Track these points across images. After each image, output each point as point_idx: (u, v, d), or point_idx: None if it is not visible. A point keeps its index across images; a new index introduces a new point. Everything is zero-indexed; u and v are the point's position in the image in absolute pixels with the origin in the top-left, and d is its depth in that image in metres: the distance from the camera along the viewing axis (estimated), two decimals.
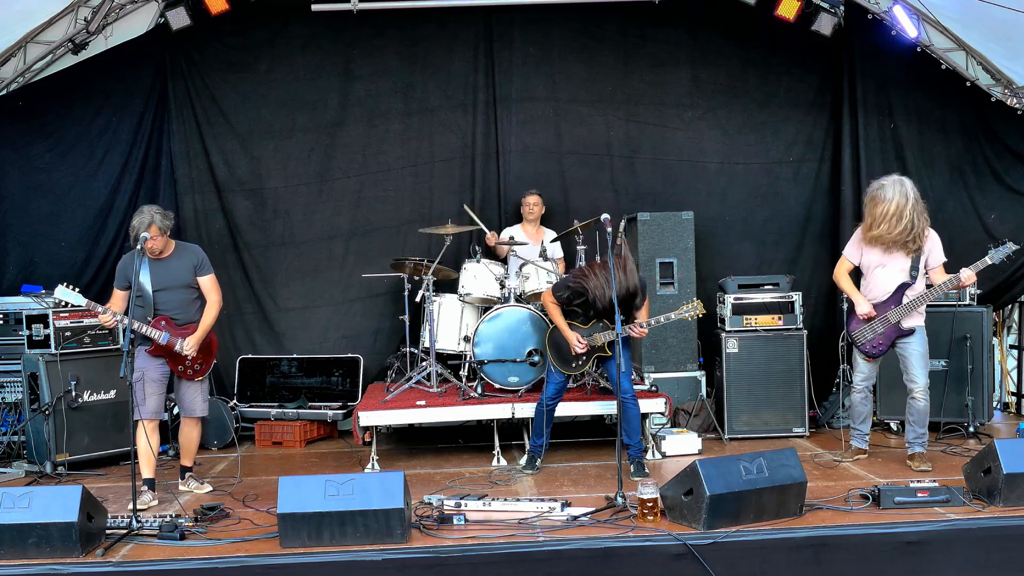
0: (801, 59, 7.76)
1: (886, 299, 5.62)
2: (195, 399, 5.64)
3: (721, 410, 6.73)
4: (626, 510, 4.75)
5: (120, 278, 5.51)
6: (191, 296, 5.59)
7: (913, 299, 5.55)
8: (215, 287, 5.65)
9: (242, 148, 7.73)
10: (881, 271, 5.64)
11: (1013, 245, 5.51)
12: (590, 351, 5.73)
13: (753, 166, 7.85)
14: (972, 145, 7.46)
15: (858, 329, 5.71)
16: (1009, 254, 5.51)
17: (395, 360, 7.27)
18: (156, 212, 5.39)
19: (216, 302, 5.62)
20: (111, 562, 4.31)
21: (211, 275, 5.65)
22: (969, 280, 5.45)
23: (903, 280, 5.58)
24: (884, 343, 5.64)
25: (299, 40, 7.74)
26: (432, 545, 4.39)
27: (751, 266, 7.68)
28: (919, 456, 5.65)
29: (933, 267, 5.60)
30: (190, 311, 5.57)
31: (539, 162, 7.85)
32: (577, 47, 7.83)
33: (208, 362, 5.69)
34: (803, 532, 4.45)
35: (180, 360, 5.51)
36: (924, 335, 5.63)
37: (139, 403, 5.35)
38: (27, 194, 7.49)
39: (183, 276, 5.53)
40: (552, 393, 5.82)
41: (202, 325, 5.54)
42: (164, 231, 5.41)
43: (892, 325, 5.59)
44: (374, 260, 7.63)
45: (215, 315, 5.61)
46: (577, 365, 5.79)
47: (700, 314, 5.78)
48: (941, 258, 5.61)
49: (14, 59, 7.37)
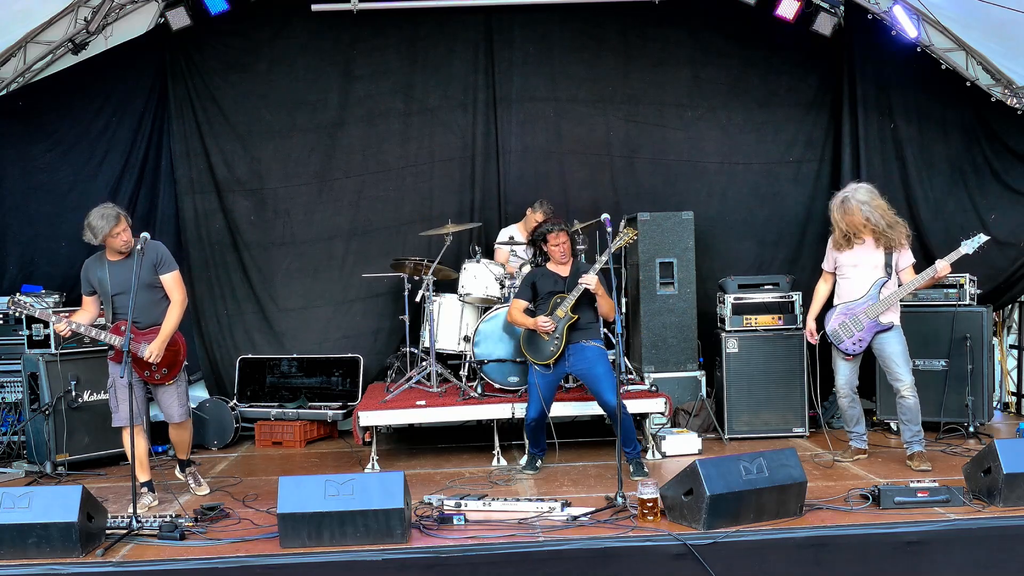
0: (801, 59, 7.76)
1: (863, 296, 5.67)
2: (171, 404, 5.42)
3: (721, 410, 6.73)
4: (626, 510, 4.75)
5: (84, 283, 5.32)
6: (155, 297, 5.27)
7: (890, 294, 5.61)
8: (178, 285, 5.33)
9: (242, 148, 7.73)
10: (855, 271, 5.72)
11: (984, 236, 5.56)
12: (558, 325, 5.69)
13: (753, 166, 7.85)
14: (972, 145, 7.46)
15: (835, 328, 5.74)
16: (982, 244, 5.55)
17: (395, 360, 7.28)
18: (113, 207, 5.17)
19: (179, 301, 5.30)
20: (111, 562, 4.31)
21: (174, 272, 5.32)
22: (944, 271, 5.53)
23: (878, 276, 5.65)
24: (864, 339, 5.68)
25: (299, 40, 7.74)
26: (432, 545, 4.39)
27: (751, 266, 7.69)
28: (919, 456, 5.65)
29: (903, 268, 5.69)
30: (153, 313, 5.26)
31: (539, 162, 7.85)
32: (577, 47, 7.83)
33: (177, 365, 5.40)
34: (803, 532, 4.44)
35: (145, 366, 5.25)
36: (901, 332, 5.68)
37: (113, 410, 5.28)
38: (27, 194, 7.50)
39: (143, 276, 5.14)
40: (535, 412, 5.74)
41: (164, 327, 5.24)
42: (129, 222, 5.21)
43: (871, 320, 5.63)
44: (374, 260, 7.63)
45: (179, 315, 5.30)
46: (554, 348, 5.70)
47: (633, 238, 5.93)
48: (910, 259, 5.72)
49: (14, 59, 7.38)
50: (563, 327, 5.68)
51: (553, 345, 5.71)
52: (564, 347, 5.69)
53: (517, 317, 5.86)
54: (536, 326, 5.71)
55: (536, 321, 5.70)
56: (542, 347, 5.74)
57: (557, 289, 5.79)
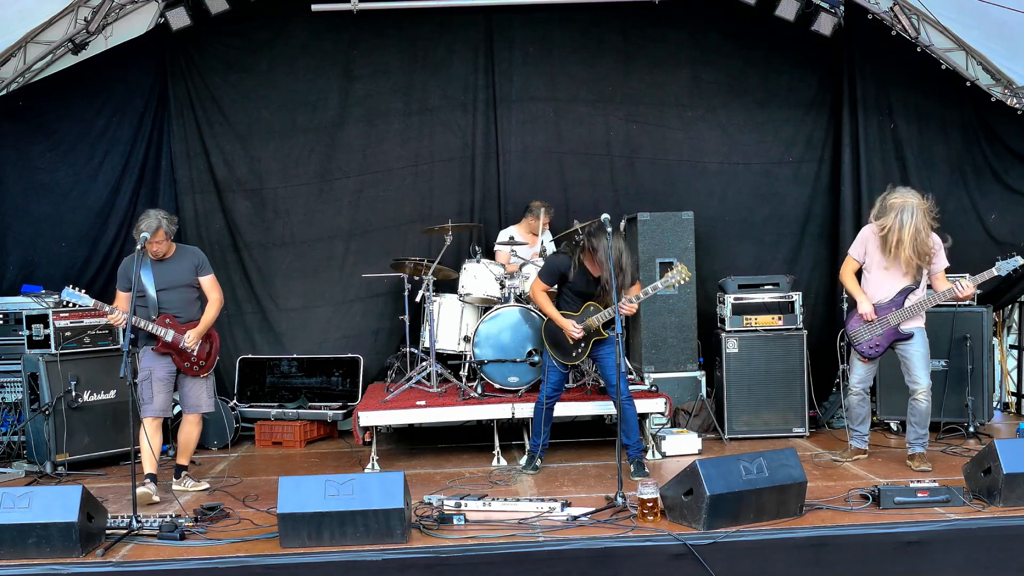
0: (801, 59, 7.76)
1: (888, 301, 5.61)
2: (201, 395, 5.75)
3: (721, 410, 6.73)
4: (626, 510, 4.75)
5: (122, 280, 5.65)
6: (192, 296, 5.75)
7: (915, 303, 5.55)
8: (215, 286, 5.81)
9: (242, 148, 7.74)
10: (884, 273, 5.62)
11: (1021, 259, 5.49)
12: (586, 336, 5.69)
13: (753, 166, 7.85)
14: (972, 145, 7.46)
15: (856, 329, 5.71)
16: (1018, 267, 5.50)
17: (395, 360, 7.28)
18: (163, 217, 5.53)
19: (217, 300, 5.78)
20: (111, 562, 4.31)
21: (211, 275, 5.82)
22: (969, 292, 5.46)
23: (907, 284, 5.57)
24: (882, 344, 5.64)
25: (299, 40, 7.74)
26: (432, 545, 4.39)
27: (751, 266, 7.68)
28: (919, 456, 5.65)
29: (935, 272, 5.60)
30: (191, 310, 5.72)
31: (539, 162, 7.85)
32: (577, 47, 7.83)
33: (212, 358, 5.82)
34: (803, 532, 4.44)
35: (186, 356, 5.63)
36: (925, 336, 5.63)
37: (146, 401, 5.50)
38: (28, 194, 7.49)
39: (185, 276, 5.67)
40: (551, 391, 5.78)
41: (204, 319, 5.70)
42: (169, 235, 5.55)
43: (891, 328, 5.59)
44: (374, 260, 7.63)
45: (216, 312, 5.77)
46: (577, 354, 5.73)
47: (686, 278, 5.71)
48: (944, 263, 5.61)
49: (14, 59, 7.38)
50: (591, 341, 5.70)
51: (577, 351, 5.73)
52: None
53: (541, 300, 5.77)
54: (565, 330, 5.66)
55: (567, 326, 5.65)
56: (566, 349, 5.74)
57: (590, 291, 5.68)
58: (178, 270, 5.65)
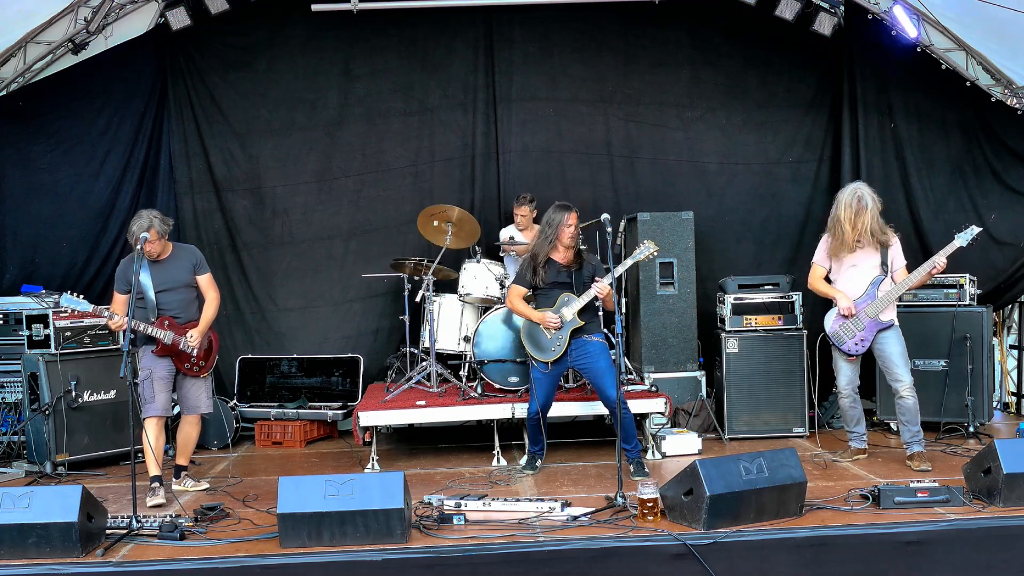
0: (801, 59, 7.76)
1: (863, 296, 5.68)
2: (200, 395, 5.74)
3: (721, 410, 6.73)
4: (626, 510, 4.75)
5: (120, 281, 5.61)
6: (191, 295, 5.72)
7: (888, 292, 5.62)
8: (212, 285, 5.79)
9: (241, 147, 7.74)
10: (853, 270, 5.72)
11: (976, 228, 5.54)
12: (564, 326, 5.65)
13: (752, 166, 7.85)
14: (972, 145, 7.46)
15: (836, 329, 5.74)
16: (975, 236, 5.53)
17: (395, 360, 7.28)
18: (155, 216, 5.49)
19: (215, 298, 5.77)
20: (111, 562, 4.31)
21: (208, 274, 5.80)
22: (942, 266, 5.51)
23: (875, 275, 5.66)
24: (867, 338, 5.68)
25: (299, 40, 7.74)
26: (432, 545, 4.39)
27: (750, 266, 7.69)
28: (919, 456, 5.65)
29: (896, 270, 5.69)
30: (191, 310, 5.70)
31: (539, 162, 7.85)
32: (577, 47, 7.84)
33: (212, 358, 5.81)
34: (803, 532, 4.44)
35: (186, 357, 5.62)
36: (900, 332, 5.69)
37: (148, 400, 5.48)
38: (28, 194, 7.50)
39: (183, 276, 5.65)
40: (542, 402, 5.73)
41: (203, 319, 5.68)
42: (163, 235, 5.52)
43: (871, 319, 5.63)
44: (374, 260, 7.63)
45: (215, 310, 5.76)
46: (556, 348, 5.67)
47: (654, 252, 5.79)
48: (903, 261, 5.72)
49: (14, 59, 7.38)
50: (568, 331, 5.65)
51: (556, 344, 5.67)
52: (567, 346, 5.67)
53: (518, 305, 5.76)
54: (543, 322, 5.65)
55: (543, 317, 5.64)
56: (544, 344, 5.70)
57: (561, 280, 5.69)
58: (176, 270, 5.63)
